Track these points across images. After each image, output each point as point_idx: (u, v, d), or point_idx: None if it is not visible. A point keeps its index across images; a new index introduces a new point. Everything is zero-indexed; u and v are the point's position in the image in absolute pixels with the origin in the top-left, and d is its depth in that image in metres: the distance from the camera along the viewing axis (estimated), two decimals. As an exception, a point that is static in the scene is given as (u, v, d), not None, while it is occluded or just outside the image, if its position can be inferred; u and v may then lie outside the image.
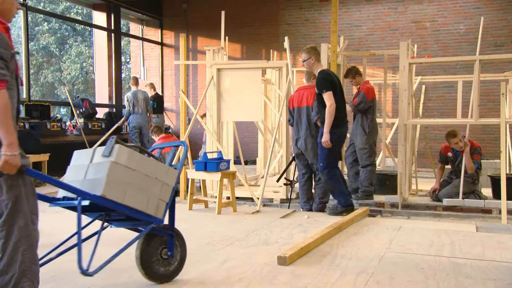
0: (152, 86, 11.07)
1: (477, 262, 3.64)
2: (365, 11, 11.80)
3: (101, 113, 11.10)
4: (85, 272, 2.76)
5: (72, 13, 20.42)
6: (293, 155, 6.27)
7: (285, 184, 6.45)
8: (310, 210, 6.02)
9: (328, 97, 5.40)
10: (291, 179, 6.43)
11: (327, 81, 5.45)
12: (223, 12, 8.07)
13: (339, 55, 7.26)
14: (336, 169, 5.65)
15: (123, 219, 3.14)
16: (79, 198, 2.71)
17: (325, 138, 5.44)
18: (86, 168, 2.97)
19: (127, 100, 10.10)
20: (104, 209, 2.98)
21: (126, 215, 2.94)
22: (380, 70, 10.16)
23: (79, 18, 19.75)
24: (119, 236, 3.73)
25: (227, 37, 8.93)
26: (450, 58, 9.14)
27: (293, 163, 6.52)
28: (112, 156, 2.84)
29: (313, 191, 6.14)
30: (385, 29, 11.62)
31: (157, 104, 11.18)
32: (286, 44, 7.30)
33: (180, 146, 5.12)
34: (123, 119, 10.46)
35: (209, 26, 12.79)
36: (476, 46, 7.25)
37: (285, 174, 6.52)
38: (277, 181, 6.53)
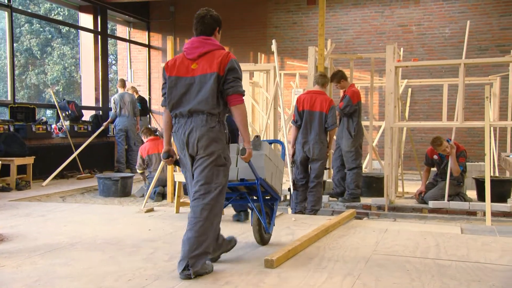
0: (134, 89, 11.07)
1: (461, 264, 3.68)
2: (352, 15, 11.88)
3: (87, 115, 11.01)
4: (268, 231, 4.10)
5: (53, 14, 20.23)
6: (293, 158, 6.22)
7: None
8: (301, 212, 6.04)
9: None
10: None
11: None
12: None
13: (326, 58, 7.30)
14: None
15: (257, 198, 4.00)
16: (257, 179, 3.70)
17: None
18: (236, 159, 3.82)
19: (114, 103, 10.05)
20: (251, 189, 3.95)
21: (266, 193, 3.95)
22: (367, 73, 10.23)
23: (61, 19, 19.58)
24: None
25: (214, 40, 8.91)
26: (436, 61, 9.24)
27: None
28: (262, 150, 3.85)
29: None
30: (372, 33, 11.71)
31: (141, 106, 11.14)
32: (273, 47, 7.32)
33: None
34: (108, 121, 10.40)
35: (196, 28, 12.74)
36: (461, 50, 7.35)
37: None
38: None
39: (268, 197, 4.09)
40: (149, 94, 13.49)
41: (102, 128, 10.19)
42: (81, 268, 3.54)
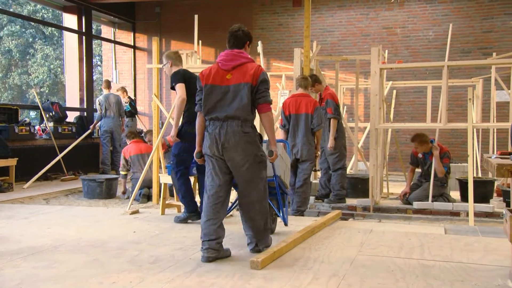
0: (124, 90, 10.98)
1: (445, 264, 3.72)
2: (337, 17, 11.96)
3: (71, 116, 10.90)
4: (286, 223, 4.71)
5: (38, 16, 20.02)
6: None
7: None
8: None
9: (179, 89, 5.04)
10: None
11: (180, 74, 5.14)
12: (196, 16, 8.05)
13: (312, 60, 7.33)
14: (183, 172, 5.21)
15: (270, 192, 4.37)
16: (274, 176, 4.29)
17: (173, 133, 5.07)
18: None
19: (99, 104, 9.96)
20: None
21: (279, 188, 4.47)
22: (352, 75, 10.30)
23: (45, 20, 19.38)
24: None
25: (200, 41, 8.91)
26: (420, 63, 9.34)
27: None
28: (278, 150, 4.11)
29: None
30: (357, 35, 11.80)
31: (131, 108, 11.08)
32: (259, 48, 7.34)
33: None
34: (94, 123, 10.31)
35: (182, 29, 12.74)
36: (445, 52, 7.43)
37: None
38: None
39: (281, 192, 4.58)
40: (135, 95, 13.41)
41: (89, 131, 10.10)
42: (64, 271, 3.50)
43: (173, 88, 5.15)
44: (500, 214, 5.95)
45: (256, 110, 3.82)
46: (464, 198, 6.50)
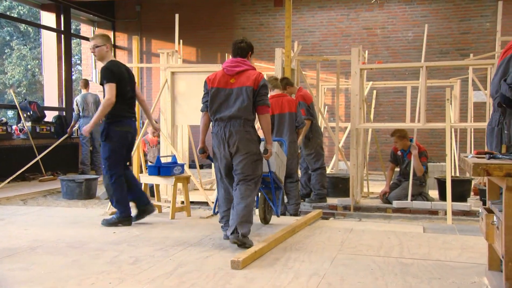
0: None
1: (423, 262, 3.77)
2: (318, 17, 12.02)
3: (50, 116, 10.74)
4: (278, 214, 5.05)
5: (14, 13, 19.63)
6: None
7: None
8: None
9: (109, 89, 4.80)
10: None
11: (113, 72, 4.87)
12: (177, 15, 8.01)
13: (293, 60, 7.35)
14: (118, 175, 4.98)
15: (266, 185, 4.90)
16: (270, 172, 4.69)
17: (88, 128, 5.01)
18: None
19: (76, 104, 9.84)
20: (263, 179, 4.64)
21: (273, 182, 4.81)
22: (333, 75, 10.37)
23: (21, 18, 19.02)
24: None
25: (181, 41, 8.87)
26: (399, 64, 9.45)
27: None
28: (274, 148, 4.58)
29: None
30: (338, 35, 11.88)
31: None
32: (240, 48, 7.30)
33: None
34: (71, 124, 10.17)
35: (163, 29, 12.66)
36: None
37: None
38: None
39: (275, 186, 4.95)
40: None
41: (66, 135, 9.93)
42: (42, 273, 3.45)
43: (102, 84, 4.88)
44: (476, 213, 6.06)
45: (255, 111, 4.23)
46: (443, 197, 6.60)
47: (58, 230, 4.90)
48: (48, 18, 11.40)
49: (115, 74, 4.87)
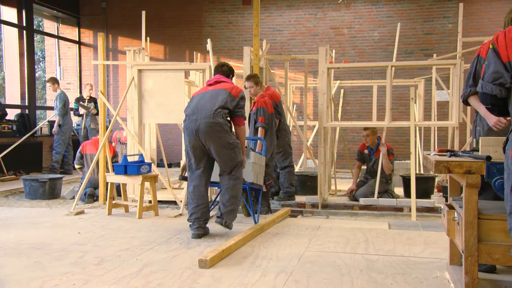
0: (91, 87, 10.88)
1: (388, 258, 3.85)
2: (286, 16, 12.08)
3: (12, 114, 10.42)
4: (256, 222, 5.10)
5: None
6: None
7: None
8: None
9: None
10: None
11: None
12: (143, 12, 7.90)
13: (261, 59, 7.36)
14: None
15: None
16: (247, 182, 4.94)
17: None
18: None
19: (64, 101, 9.86)
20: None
21: (251, 190, 5.27)
22: (301, 74, 10.43)
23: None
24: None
25: (148, 38, 8.75)
26: (366, 63, 9.57)
27: None
28: (251, 158, 5.04)
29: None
30: (306, 34, 11.97)
31: (96, 106, 10.67)
32: (208, 46, 7.29)
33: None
34: (56, 120, 9.91)
35: (130, 25, 12.47)
36: (389, 53, 7.69)
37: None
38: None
39: (256, 191, 5.38)
40: (80, 92, 12.98)
41: (54, 129, 9.88)
42: (2, 275, 3.35)
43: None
44: (439, 209, 6.22)
45: (232, 121, 4.54)
46: (407, 194, 6.73)
47: (20, 231, 4.77)
48: (8, 13, 11.03)
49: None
